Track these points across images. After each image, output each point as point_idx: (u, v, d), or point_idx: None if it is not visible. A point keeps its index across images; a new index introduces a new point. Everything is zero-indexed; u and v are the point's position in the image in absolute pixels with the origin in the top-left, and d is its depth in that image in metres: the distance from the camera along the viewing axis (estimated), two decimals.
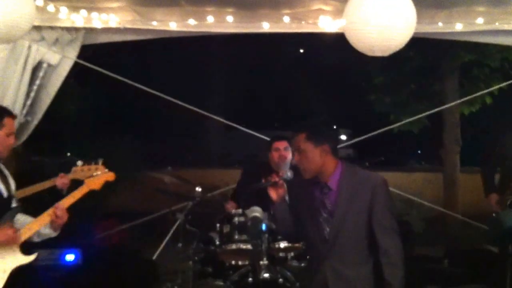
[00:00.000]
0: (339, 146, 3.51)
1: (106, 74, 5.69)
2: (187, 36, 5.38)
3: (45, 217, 3.48)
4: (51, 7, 4.81)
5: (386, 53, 4.09)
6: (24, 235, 3.43)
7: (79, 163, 4.23)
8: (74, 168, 4.26)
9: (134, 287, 5.09)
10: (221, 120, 6.59)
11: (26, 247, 3.53)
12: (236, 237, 4.47)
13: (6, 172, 3.69)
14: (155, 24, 5.08)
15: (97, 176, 3.80)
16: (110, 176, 3.85)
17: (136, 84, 5.80)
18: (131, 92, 5.64)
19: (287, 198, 3.48)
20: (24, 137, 5.32)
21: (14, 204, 3.61)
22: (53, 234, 3.61)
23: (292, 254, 4.53)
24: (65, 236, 5.02)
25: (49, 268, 5.01)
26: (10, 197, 3.58)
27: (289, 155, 5.07)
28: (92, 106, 6.24)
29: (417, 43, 5.87)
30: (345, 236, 3.18)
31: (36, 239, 3.60)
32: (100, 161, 4.13)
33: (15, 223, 3.52)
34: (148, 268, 5.18)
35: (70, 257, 5.17)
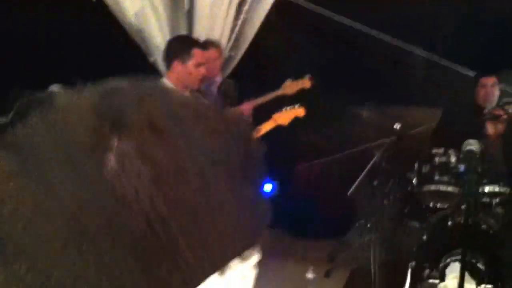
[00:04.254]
0: None
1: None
2: None
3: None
4: None
5: None
6: None
7: (289, 80, 4.35)
8: (283, 84, 4.41)
9: (333, 221, 5.13)
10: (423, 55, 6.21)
11: None
12: (436, 178, 4.25)
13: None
14: None
15: (286, 111, 3.80)
16: (299, 112, 3.81)
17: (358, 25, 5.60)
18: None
19: None
20: (228, 71, 5.55)
21: None
22: None
23: (497, 200, 4.19)
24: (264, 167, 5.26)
25: None
26: None
27: (497, 92, 4.72)
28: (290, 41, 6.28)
29: None
30: None
31: None
32: (307, 76, 4.18)
33: None
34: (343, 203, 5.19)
35: (267, 187, 5.38)
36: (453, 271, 3.32)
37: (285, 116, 3.79)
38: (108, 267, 0.82)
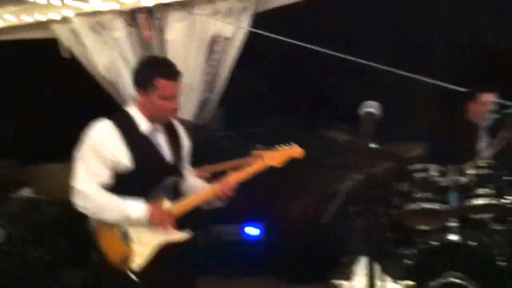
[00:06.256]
0: None
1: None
2: None
3: (209, 192, 3.13)
4: None
5: None
6: (181, 209, 3.10)
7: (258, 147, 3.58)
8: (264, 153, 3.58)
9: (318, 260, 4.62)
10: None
11: (200, 217, 3.32)
12: (418, 195, 3.73)
13: (180, 135, 3.34)
14: None
15: (279, 151, 3.17)
16: (296, 152, 3.17)
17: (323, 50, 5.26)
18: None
19: None
20: (208, 114, 5.28)
21: (183, 171, 3.31)
22: (220, 204, 3.25)
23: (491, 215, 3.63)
24: (247, 210, 4.84)
25: (231, 243, 4.86)
26: (176, 164, 3.23)
27: None
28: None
29: None
30: None
31: (205, 207, 3.27)
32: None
33: (185, 188, 3.30)
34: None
35: (252, 231, 4.95)
36: None
37: (277, 157, 3.19)
38: None
